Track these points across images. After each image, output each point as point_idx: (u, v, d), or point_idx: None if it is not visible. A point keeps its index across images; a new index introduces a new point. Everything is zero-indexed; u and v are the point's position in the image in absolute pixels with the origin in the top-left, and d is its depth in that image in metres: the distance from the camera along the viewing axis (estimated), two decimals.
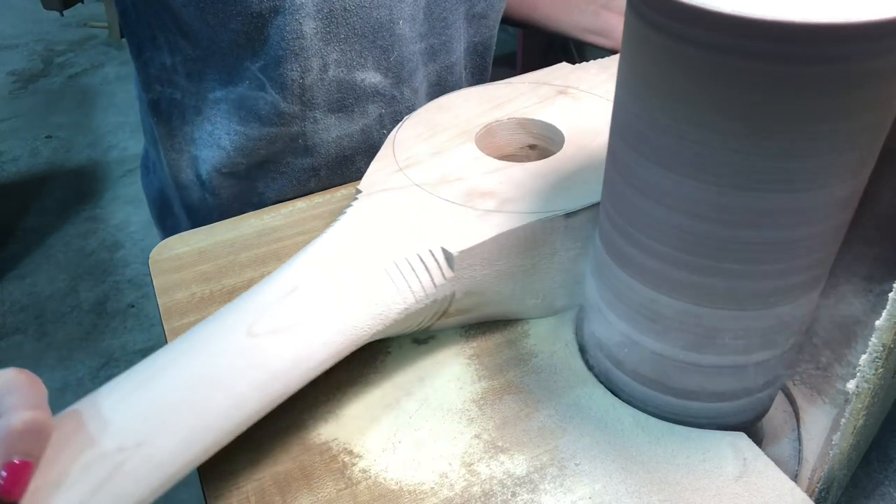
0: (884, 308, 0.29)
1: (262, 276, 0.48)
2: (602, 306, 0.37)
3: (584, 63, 0.56)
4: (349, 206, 0.42)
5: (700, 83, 0.26)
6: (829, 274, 0.33)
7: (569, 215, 0.40)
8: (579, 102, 0.50)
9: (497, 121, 0.49)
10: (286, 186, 0.58)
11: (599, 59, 0.57)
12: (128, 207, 1.95)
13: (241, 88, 0.53)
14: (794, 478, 0.38)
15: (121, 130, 2.28)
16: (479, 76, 0.65)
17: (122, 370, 0.33)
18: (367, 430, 0.38)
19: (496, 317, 0.44)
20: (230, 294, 0.47)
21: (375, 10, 0.51)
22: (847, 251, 0.34)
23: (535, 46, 1.76)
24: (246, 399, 0.32)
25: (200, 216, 0.62)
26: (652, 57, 0.27)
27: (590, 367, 0.41)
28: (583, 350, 0.42)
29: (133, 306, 1.67)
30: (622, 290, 0.34)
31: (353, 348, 0.36)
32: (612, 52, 0.66)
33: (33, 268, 1.79)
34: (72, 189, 2.02)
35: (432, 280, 0.38)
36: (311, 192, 0.58)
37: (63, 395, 1.47)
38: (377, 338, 0.38)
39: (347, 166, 0.59)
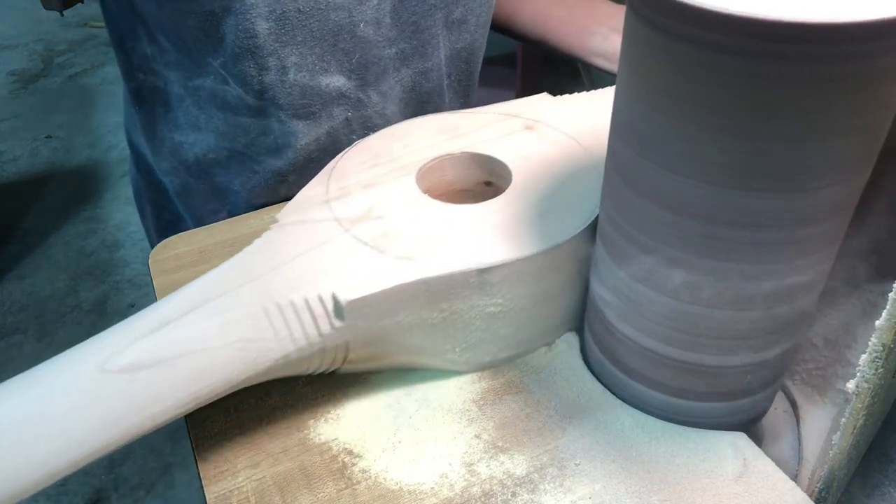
0: (884, 308, 0.29)
1: None
2: (601, 306, 0.37)
3: (569, 95, 0.53)
4: (262, 236, 0.39)
5: (700, 83, 0.26)
6: (829, 274, 0.33)
7: (483, 271, 0.36)
8: (542, 141, 0.46)
9: (449, 154, 0.45)
10: (258, 188, 0.58)
11: (585, 93, 0.53)
12: (128, 207, 1.95)
13: (209, 81, 0.53)
14: (794, 478, 0.38)
15: (121, 130, 2.26)
16: (466, 82, 0.64)
17: None
18: (367, 430, 0.38)
19: (417, 366, 0.41)
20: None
21: (333, 13, 0.50)
22: (847, 251, 0.34)
23: (536, 47, 1.75)
24: (81, 441, 0.30)
25: (182, 205, 0.62)
26: (652, 57, 0.27)
27: (590, 367, 0.41)
28: (583, 350, 0.42)
29: (133, 306, 1.67)
30: (622, 290, 0.34)
31: (219, 395, 0.34)
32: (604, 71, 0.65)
33: (33, 268, 1.79)
34: (72, 189, 2.02)
35: (318, 328, 0.35)
36: (282, 200, 0.57)
37: None
38: (257, 381, 0.35)
39: (316, 169, 0.58)
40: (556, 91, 0.54)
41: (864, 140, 0.27)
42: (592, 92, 0.53)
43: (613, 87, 0.53)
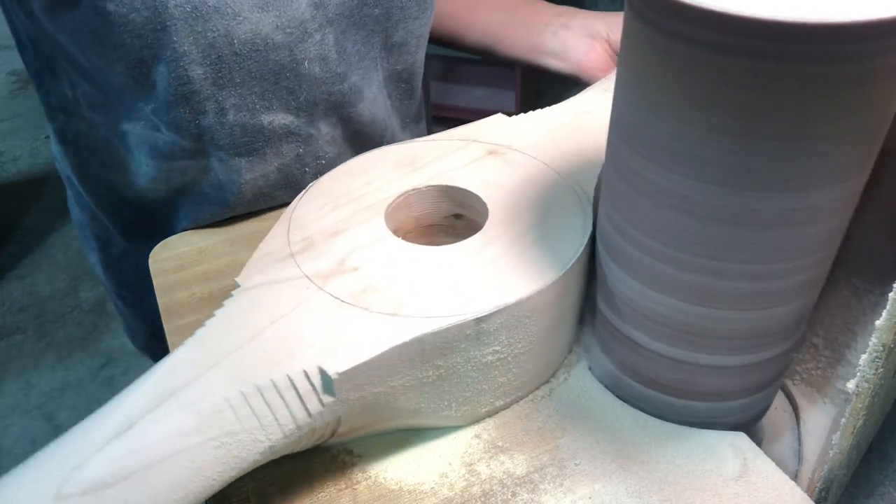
0: (884, 308, 0.29)
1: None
2: (602, 306, 0.37)
3: (525, 114, 0.49)
4: (221, 305, 0.35)
5: (699, 83, 0.26)
6: (829, 274, 0.33)
7: (480, 320, 0.33)
8: (508, 165, 0.43)
9: (415, 189, 0.42)
10: (207, 217, 0.54)
11: (542, 110, 0.50)
12: None
13: (138, 127, 0.50)
14: (794, 477, 0.38)
15: None
16: (408, 100, 0.61)
17: (121, 371, 0.32)
18: None
19: (411, 427, 0.37)
20: (230, 294, 0.47)
21: (273, 53, 0.47)
22: (847, 251, 0.34)
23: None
24: None
25: (127, 241, 0.59)
26: (651, 57, 0.27)
27: (590, 367, 0.41)
28: (584, 349, 0.42)
29: None
30: (622, 290, 0.34)
31: (199, 500, 0.29)
32: (569, 77, 0.62)
33: (33, 268, 1.79)
34: None
35: (306, 409, 0.31)
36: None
37: (63, 395, 1.47)
38: (233, 479, 0.31)
39: (267, 201, 0.55)
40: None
41: (864, 140, 0.27)
42: (547, 109, 0.50)
43: (566, 103, 0.53)
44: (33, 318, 1.66)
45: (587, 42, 0.61)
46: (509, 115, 0.51)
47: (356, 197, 0.41)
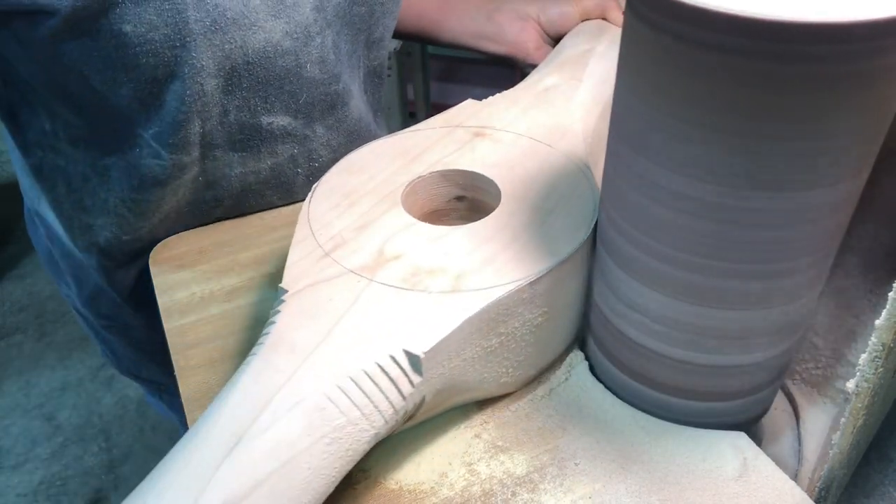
0: (884, 308, 0.29)
1: (263, 276, 0.48)
2: (602, 306, 0.37)
3: (491, 98, 0.51)
4: (275, 312, 0.35)
5: (699, 83, 0.26)
6: (829, 274, 0.33)
7: (534, 283, 0.35)
8: (499, 144, 0.45)
9: (420, 177, 0.43)
10: (190, 222, 0.54)
11: (505, 92, 0.52)
12: None
13: (130, 156, 0.48)
14: (794, 477, 0.38)
15: None
16: (377, 96, 0.63)
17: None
18: None
19: (470, 401, 0.39)
20: (230, 294, 0.47)
21: (280, 59, 0.48)
22: (847, 251, 0.34)
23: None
24: None
25: (104, 281, 0.57)
26: (651, 57, 0.27)
27: (590, 367, 0.41)
28: (584, 349, 0.42)
29: None
30: (621, 290, 0.34)
31: (323, 497, 0.31)
32: (504, 58, 0.65)
33: (33, 268, 1.79)
34: None
35: (399, 391, 0.32)
36: (219, 220, 0.55)
37: (63, 395, 1.47)
38: (348, 472, 0.32)
39: (256, 199, 0.55)
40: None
41: (864, 140, 0.27)
42: (509, 91, 0.53)
43: (524, 83, 0.54)
44: (33, 318, 1.66)
45: (519, 24, 0.64)
46: None
47: (367, 191, 0.42)
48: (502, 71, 1.80)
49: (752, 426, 0.38)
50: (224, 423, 0.30)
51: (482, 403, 0.39)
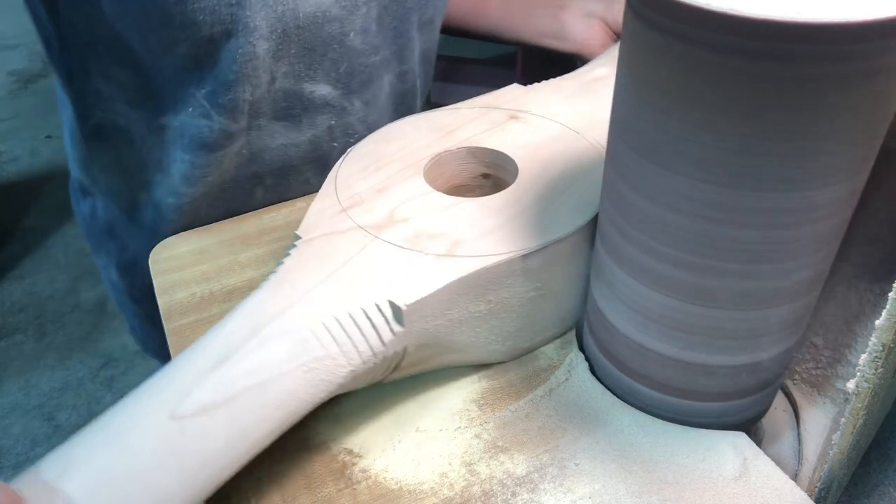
0: (884, 308, 0.29)
1: (263, 277, 0.48)
2: (602, 306, 0.37)
3: (537, 84, 0.53)
4: (286, 255, 0.39)
5: (699, 83, 0.26)
6: (829, 274, 0.33)
7: (526, 256, 0.37)
8: (530, 127, 0.48)
9: (447, 150, 0.46)
10: (231, 202, 0.56)
11: (553, 80, 0.54)
12: None
13: (182, 116, 0.50)
14: (794, 477, 0.38)
15: None
16: (426, 80, 0.64)
17: (121, 371, 0.33)
18: (367, 430, 0.38)
19: (457, 364, 0.41)
20: (230, 294, 0.47)
21: (327, 25, 0.49)
22: (847, 251, 0.34)
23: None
24: (170, 494, 0.29)
25: (151, 238, 0.58)
26: (651, 57, 0.27)
27: (590, 367, 0.41)
28: (583, 349, 0.42)
29: None
30: (621, 290, 0.34)
31: (295, 421, 0.34)
32: (570, 55, 0.65)
33: (33, 268, 1.79)
34: None
35: (380, 337, 0.35)
36: (260, 206, 0.55)
37: (63, 395, 1.47)
38: (323, 401, 0.35)
39: (295, 176, 0.57)
40: None
41: (864, 139, 0.27)
42: (558, 78, 0.54)
43: (574, 73, 0.55)
44: (33, 318, 1.66)
45: (585, 21, 0.64)
46: None
47: (396, 159, 0.45)
48: (502, 71, 1.80)
49: (752, 426, 0.38)
50: (217, 342, 0.33)
51: (482, 403, 0.39)
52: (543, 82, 0.53)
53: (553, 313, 0.41)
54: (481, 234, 0.38)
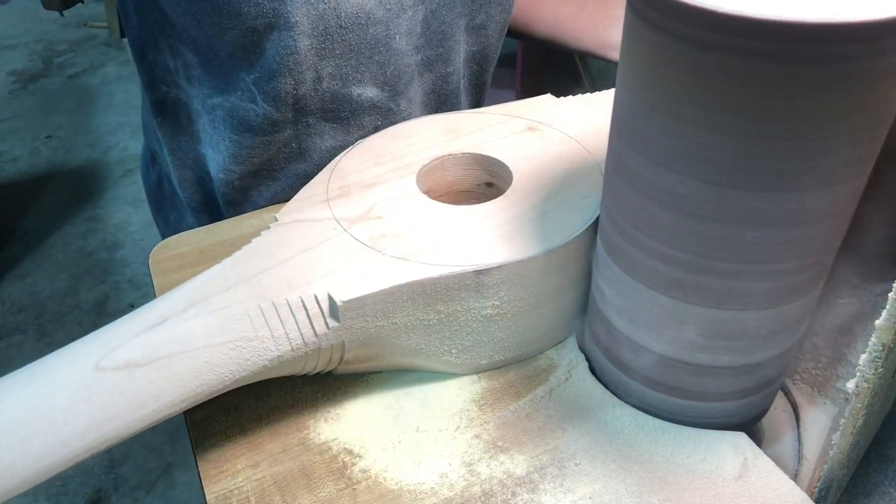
0: (884, 308, 0.29)
1: None
2: (602, 306, 0.37)
3: (571, 97, 0.52)
4: (258, 235, 0.40)
5: (699, 83, 0.26)
6: (830, 274, 0.33)
7: (480, 272, 0.36)
8: (543, 140, 0.46)
9: (450, 154, 0.45)
10: (280, 193, 0.58)
11: (586, 94, 0.53)
12: (128, 207, 1.95)
13: (233, 98, 0.53)
14: (794, 477, 0.38)
15: (121, 130, 2.28)
16: (478, 82, 0.64)
17: None
18: (367, 430, 0.38)
19: (414, 368, 0.41)
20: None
21: (372, 27, 0.50)
22: (847, 251, 0.34)
23: (535, 47, 1.76)
24: (74, 437, 0.30)
25: (203, 212, 0.62)
26: (651, 56, 0.27)
27: (590, 367, 0.41)
28: (583, 349, 0.42)
29: (133, 306, 1.66)
30: (622, 290, 0.34)
31: (212, 394, 0.34)
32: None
33: (33, 268, 1.79)
34: (72, 189, 2.01)
35: (313, 328, 0.35)
36: None
37: None
38: (253, 381, 0.35)
39: None
40: (555, 92, 0.54)
41: (864, 140, 0.27)
42: (595, 93, 0.53)
43: (614, 89, 0.54)
44: (33, 318, 1.66)
45: None
46: None
47: (397, 156, 0.45)
48: (502, 71, 1.80)
49: (752, 426, 0.38)
50: (161, 306, 0.34)
51: (482, 403, 0.39)
52: (579, 96, 0.52)
53: (516, 335, 0.40)
54: (446, 243, 0.38)
